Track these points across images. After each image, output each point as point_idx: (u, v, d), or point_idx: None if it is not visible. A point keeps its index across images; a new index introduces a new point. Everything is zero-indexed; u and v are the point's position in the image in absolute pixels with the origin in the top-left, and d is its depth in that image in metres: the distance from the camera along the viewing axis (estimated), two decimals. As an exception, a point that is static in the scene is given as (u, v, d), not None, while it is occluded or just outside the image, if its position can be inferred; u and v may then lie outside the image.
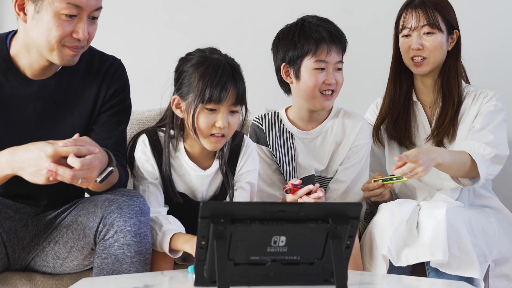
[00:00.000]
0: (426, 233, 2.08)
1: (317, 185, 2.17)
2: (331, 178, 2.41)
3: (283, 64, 2.38)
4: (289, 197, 2.17)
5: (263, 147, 2.43)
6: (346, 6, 3.10)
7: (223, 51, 2.16)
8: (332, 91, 2.33)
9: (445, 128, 2.41)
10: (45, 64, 2.00)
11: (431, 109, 2.50)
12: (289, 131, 2.44)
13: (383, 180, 2.25)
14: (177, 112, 2.13)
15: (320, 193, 2.13)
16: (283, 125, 2.45)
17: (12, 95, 2.01)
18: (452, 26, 2.44)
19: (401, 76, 2.52)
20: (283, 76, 2.40)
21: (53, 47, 1.93)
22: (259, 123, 2.46)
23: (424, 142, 2.46)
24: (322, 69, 2.32)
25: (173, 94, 2.14)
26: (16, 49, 2.01)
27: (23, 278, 2.07)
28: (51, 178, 1.78)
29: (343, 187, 2.38)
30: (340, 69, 2.35)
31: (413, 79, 2.53)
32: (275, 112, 2.50)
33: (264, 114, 2.49)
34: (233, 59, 2.12)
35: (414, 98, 2.52)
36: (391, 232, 2.08)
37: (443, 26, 2.41)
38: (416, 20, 2.40)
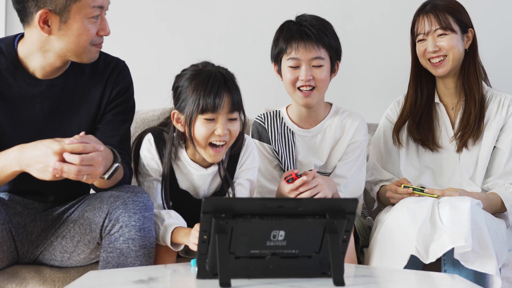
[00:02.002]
0: (448, 223, 2.07)
1: (311, 171, 2.23)
2: (330, 173, 2.45)
3: (274, 63, 2.44)
4: (288, 187, 2.21)
5: (265, 144, 2.47)
6: (346, 11, 3.13)
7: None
8: (313, 87, 2.35)
9: (470, 128, 2.42)
10: (59, 65, 2.05)
11: (453, 111, 2.51)
12: (290, 129, 2.48)
13: (413, 189, 2.28)
14: (178, 127, 2.16)
15: (307, 193, 2.19)
16: (284, 123, 2.49)
17: (20, 95, 2.04)
18: (465, 25, 2.44)
19: (421, 80, 2.53)
20: (276, 74, 2.45)
21: (84, 50, 1.99)
22: (261, 121, 2.50)
23: (449, 142, 2.47)
24: (297, 66, 2.35)
25: (173, 110, 2.17)
26: (25, 52, 2.04)
27: (32, 271, 2.10)
28: (57, 175, 1.82)
29: (342, 182, 2.41)
30: (319, 66, 2.34)
31: (434, 82, 2.54)
32: (276, 110, 2.53)
33: (266, 113, 2.52)
34: (226, 69, 2.14)
35: (437, 100, 2.53)
36: (416, 231, 2.08)
37: (456, 27, 2.42)
38: (429, 24, 2.42)
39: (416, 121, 2.50)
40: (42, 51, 2.02)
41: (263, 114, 2.53)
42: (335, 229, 1.57)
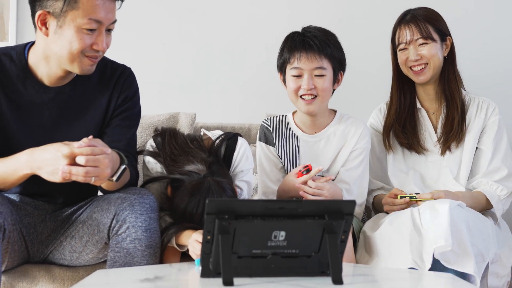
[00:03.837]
0: (429, 227, 2.12)
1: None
2: (333, 179, 2.46)
3: (279, 72, 2.48)
4: (301, 178, 2.28)
5: (271, 147, 2.51)
6: (344, 17, 3.18)
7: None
8: (315, 96, 2.39)
9: (454, 133, 2.49)
10: (62, 74, 2.09)
11: (434, 115, 2.57)
12: (294, 134, 2.51)
13: (410, 198, 2.34)
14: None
15: (310, 190, 2.27)
16: (290, 127, 2.52)
17: (29, 101, 2.09)
18: (444, 34, 2.51)
19: (404, 87, 2.58)
20: (281, 83, 2.49)
21: (74, 58, 2.02)
22: (268, 125, 2.54)
23: (433, 146, 2.53)
24: (299, 75, 2.39)
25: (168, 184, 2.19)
26: (34, 59, 2.09)
27: (42, 270, 2.15)
28: (66, 178, 1.86)
29: (345, 188, 2.44)
30: (321, 75, 2.38)
31: (415, 88, 2.60)
32: (283, 115, 2.57)
33: (273, 117, 2.56)
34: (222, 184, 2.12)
35: (418, 105, 2.58)
36: (408, 244, 2.13)
37: (435, 36, 2.48)
38: (410, 34, 2.48)
39: (401, 126, 2.56)
40: (44, 57, 2.06)
41: (270, 118, 2.56)
42: (333, 229, 1.60)
